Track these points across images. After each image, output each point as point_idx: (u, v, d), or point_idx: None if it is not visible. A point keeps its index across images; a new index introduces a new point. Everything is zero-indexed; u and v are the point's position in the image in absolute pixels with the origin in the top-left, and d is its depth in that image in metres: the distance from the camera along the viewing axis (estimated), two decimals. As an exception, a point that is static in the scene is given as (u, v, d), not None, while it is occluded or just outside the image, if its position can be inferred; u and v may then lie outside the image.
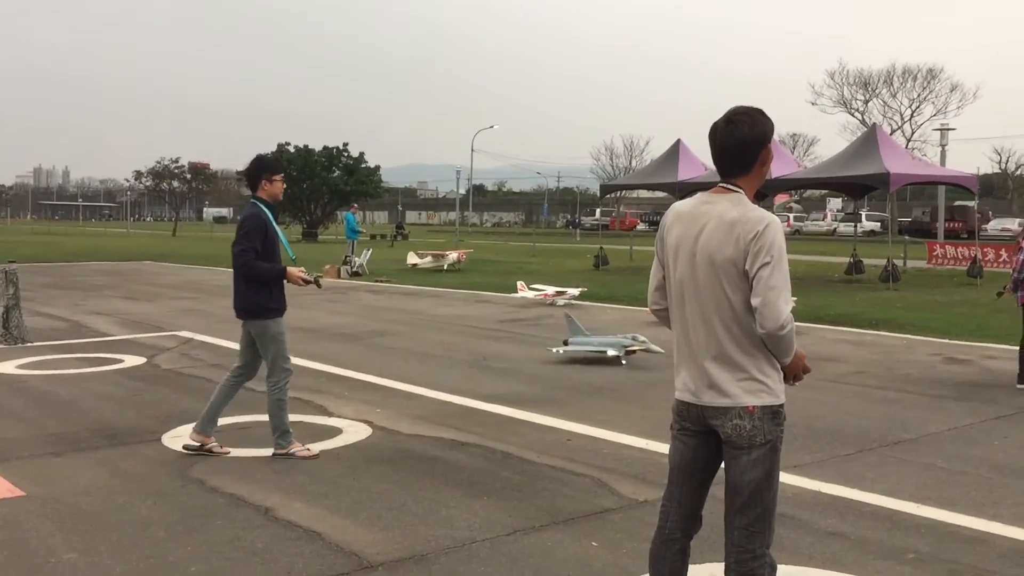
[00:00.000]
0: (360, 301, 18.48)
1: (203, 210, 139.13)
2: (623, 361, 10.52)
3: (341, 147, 61.53)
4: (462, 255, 28.82)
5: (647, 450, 6.72)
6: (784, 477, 4.07)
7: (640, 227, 77.85)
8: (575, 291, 18.07)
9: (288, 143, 61.62)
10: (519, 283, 19.21)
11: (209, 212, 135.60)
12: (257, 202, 6.60)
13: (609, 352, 10.56)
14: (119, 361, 10.65)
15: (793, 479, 5.90)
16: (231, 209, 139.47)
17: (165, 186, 73.42)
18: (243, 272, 6.41)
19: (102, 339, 12.64)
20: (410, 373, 9.96)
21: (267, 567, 4.53)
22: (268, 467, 6.29)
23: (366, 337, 12.99)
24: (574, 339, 11.00)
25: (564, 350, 10.92)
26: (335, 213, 63.03)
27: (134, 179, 76.75)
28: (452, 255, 28.35)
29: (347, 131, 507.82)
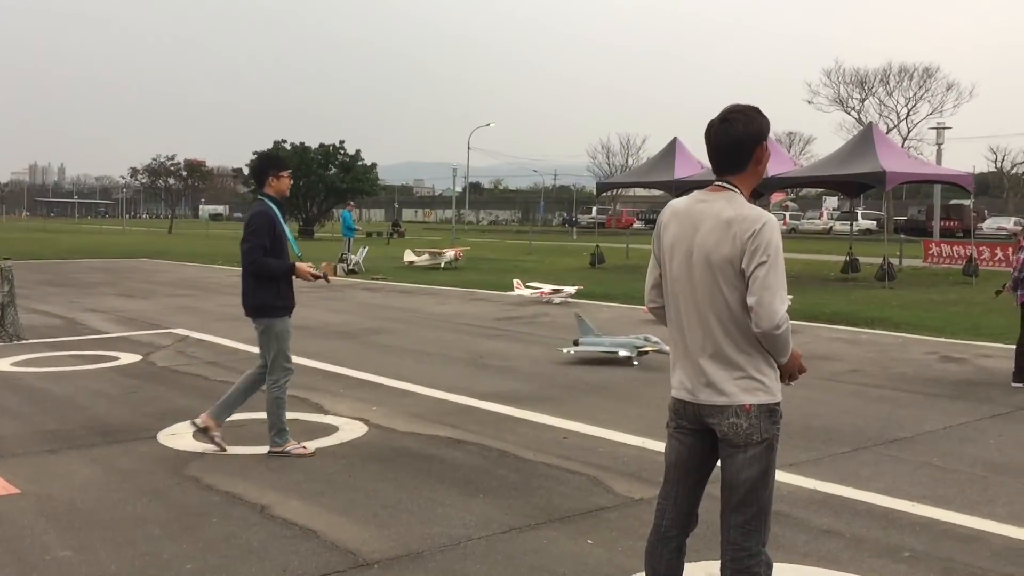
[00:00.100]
0: (356, 299, 18.47)
1: (199, 207, 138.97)
2: (635, 362, 10.24)
3: (337, 144, 61.48)
4: (459, 253, 28.82)
5: (643, 448, 6.73)
6: (780, 475, 4.08)
7: (636, 225, 77.92)
8: (571, 289, 18.08)
9: (284, 140, 61.53)
10: (515, 281, 19.21)
11: (205, 209, 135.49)
12: (264, 199, 6.58)
13: (621, 353, 10.28)
14: (115, 358, 10.64)
15: (789, 477, 5.91)
16: (227, 206, 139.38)
17: (161, 183, 73.27)
18: (252, 269, 6.38)
19: (97, 336, 12.63)
20: (406, 371, 9.96)
21: (262, 565, 4.53)
22: (264, 465, 6.28)
23: (362, 335, 12.98)
24: (584, 339, 10.73)
25: (575, 350, 10.64)
26: (331, 211, 62.99)
27: (130, 176, 76.67)
28: (449, 253, 28.35)
29: (343, 129, 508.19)
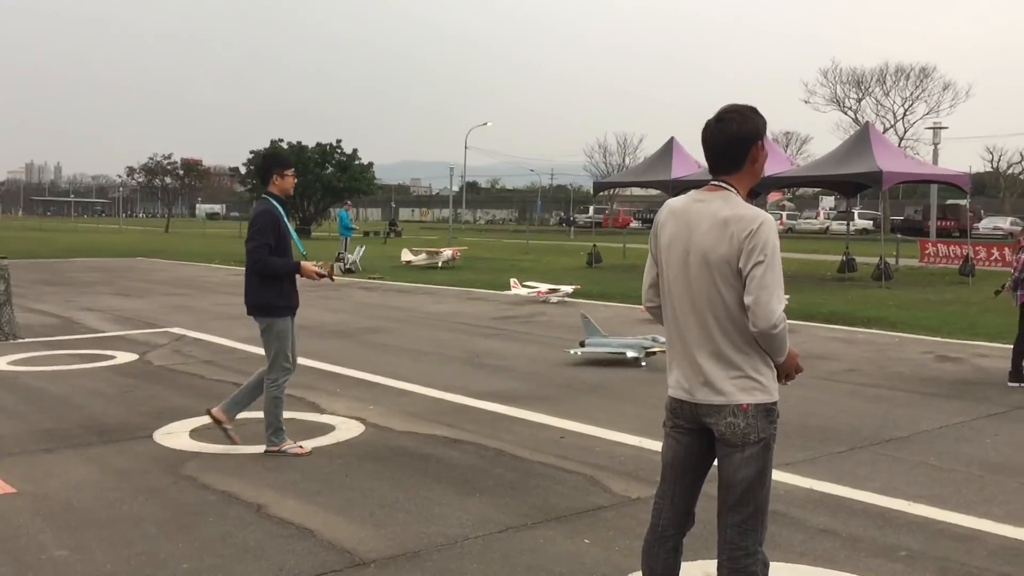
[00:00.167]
0: (353, 298, 18.46)
1: (196, 206, 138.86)
2: (643, 363, 10.14)
3: (334, 144, 61.45)
4: (456, 252, 28.82)
5: (640, 448, 6.73)
6: (777, 475, 4.08)
7: (633, 224, 77.99)
8: (568, 288, 18.07)
9: (281, 139, 61.51)
10: (512, 280, 19.20)
11: (202, 208, 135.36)
12: (268, 197, 6.57)
13: (629, 354, 10.18)
14: (111, 357, 10.62)
15: (785, 477, 5.91)
16: (224, 205, 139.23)
17: (158, 182, 73.22)
18: (257, 268, 6.37)
19: (94, 335, 12.61)
20: (403, 370, 9.95)
21: (258, 564, 4.52)
22: (260, 464, 6.28)
23: (359, 334, 12.98)
24: (591, 340, 10.62)
25: (582, 351, 10.52)
26: (328, 210, 62.98)
27: (126, 175, 76.59)
28: (447, 252, 28.34)
29: (340, 128, 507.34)
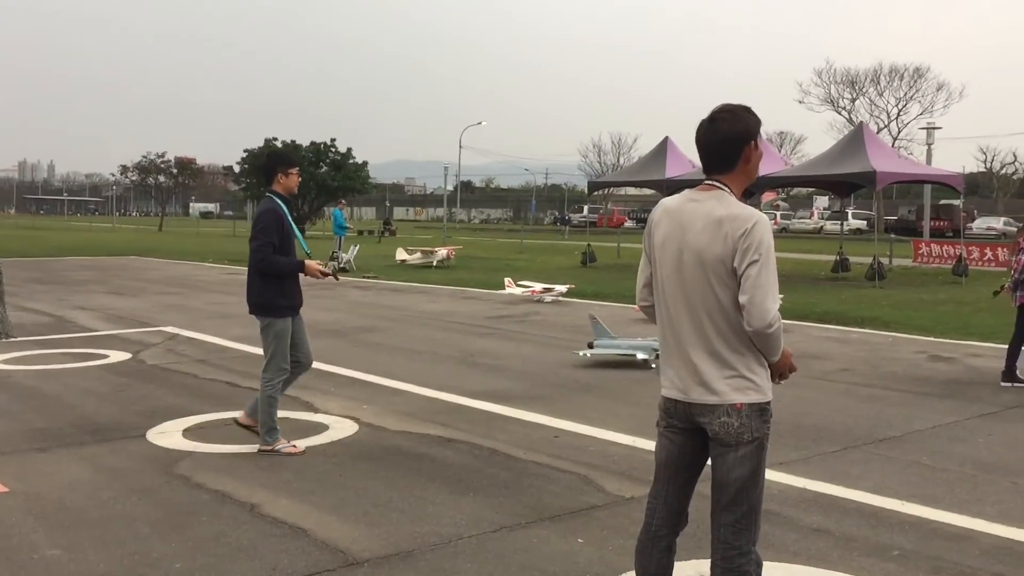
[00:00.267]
0: (347, 297, 18.43)
1: (189, 205, 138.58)
2: (653, 365, 10.03)
3: (328, 143, 61.33)
4: (451, 251, 28.80)
5: (633, 447, 6.73)
6: (770, 474, 4.08)
7: (628, 224, 77.91)
8: (562, 288, 18.07)
9: (275, 138, 61.33)
10: (507, 280, 19.20)
11: (196, 207, 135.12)
12: (272, 196, 6.56)
13: (639, 356, 10.08)
14: (104, 356, 10.59)
15: (779, 476, 5.92)
16: (218, 204, 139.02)
17: (151, 181, 73.09)
18: (261, 267, 6.36)
19: (87, 334, 12.58)
20: (397, 369, 9.94)
21: (252, 563, 4.51)
22: (253, 463, 6.26)
23: (353, 333, 12.96)
24: (600, 342, 10.49)
25: (591, 353, 10.40)
26: (322, 209, 62.87)
27: (120, 174, 76.44)
28: (441, 251, 28.33)
29: (334, 127, 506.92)
